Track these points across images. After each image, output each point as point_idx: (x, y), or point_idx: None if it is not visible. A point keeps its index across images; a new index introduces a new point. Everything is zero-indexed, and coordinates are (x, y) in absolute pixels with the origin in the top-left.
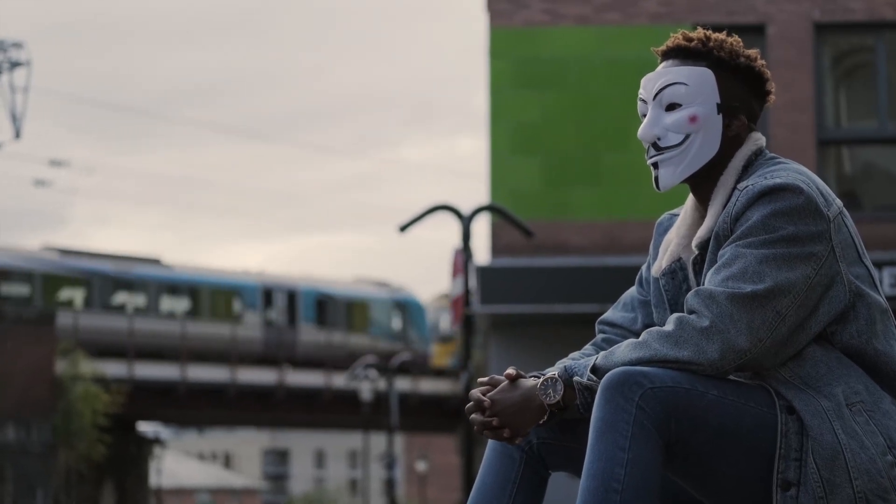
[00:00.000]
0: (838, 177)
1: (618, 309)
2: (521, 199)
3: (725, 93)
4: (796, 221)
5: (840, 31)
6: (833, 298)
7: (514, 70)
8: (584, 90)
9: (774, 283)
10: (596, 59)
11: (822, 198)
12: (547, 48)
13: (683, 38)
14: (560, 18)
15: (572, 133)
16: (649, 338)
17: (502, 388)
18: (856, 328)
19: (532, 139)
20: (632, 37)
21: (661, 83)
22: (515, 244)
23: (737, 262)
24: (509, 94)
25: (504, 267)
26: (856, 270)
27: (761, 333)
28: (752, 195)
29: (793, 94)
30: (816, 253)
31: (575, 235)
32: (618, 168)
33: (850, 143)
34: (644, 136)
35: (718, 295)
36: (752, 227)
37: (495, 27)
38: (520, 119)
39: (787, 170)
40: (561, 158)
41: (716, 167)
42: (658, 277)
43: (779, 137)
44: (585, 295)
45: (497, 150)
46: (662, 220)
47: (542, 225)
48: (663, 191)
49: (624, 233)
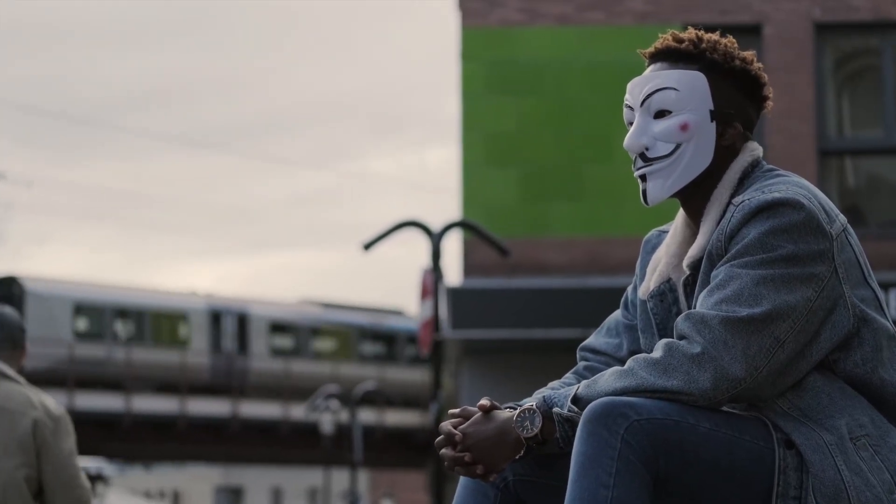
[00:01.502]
0: (841, 190)
1: (601, 334)
2: (495, 214)
3: (719, 98)
4: (796, 239)
5: (843, 31)
6: (836, 323)
7: (488, 74)
8: (564, 96)
9: (772, 307)
10: (577, 61)
11: (824, 214)
12: (524, 50)
13: (673, 39)
14: (538, 18)
15: (551, 143)
16: (636, 365)
17: (475, 420)
18: (860, 356)
19: (507, 149)
20: (616, 38)
21: (649, 88)
22: (489, 263)
23: (731, 284)
24: (483, 101)
25: (477, 288)
26: (861, 293)
27: (758, 361)
28: (748, 210)
29: (791, 101)
30: (818, 274)
31: (554, 254)
32: (601, 181)
33: (854, 154)
34: (630, 145)
35: (711, 319)
36: (749, 245)
37: (467, 27)
38: (494, 127)
39: (786, 183)
40: (539, 170)
41: (709, 180)
42: (645, 300)
43: (777, 147)
44: (566, 319)
45: (469, 161)
46: (650, 237)
47: (518, 242)
48: (651, 205)
49: (608, 251)
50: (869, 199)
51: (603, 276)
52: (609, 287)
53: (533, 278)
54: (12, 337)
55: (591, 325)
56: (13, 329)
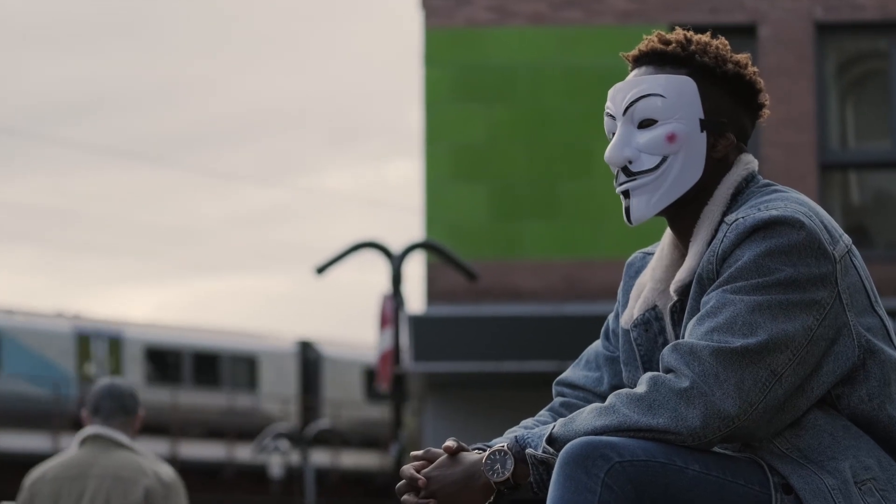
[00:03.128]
0: (845, 208)
1: (579, 367)
2: (462, 234)
3: (710, 106)
4: (795, 262)
5: (847, 32)
6: (839, 355)
7: (454, 79)
8: (538, 103)
9: (769, 337)
10: (553, 65)
11: (826, 233)
12: (493, 53)
13: (659, 41)
14: (509, 17)
15: (524, 155)
16: (617, 401)
17: (440, 463)
18: (866, 390)
19: (476, 163)
20: (596, 39)
21: (633, 95)
22: (456, 289)
23: (724, 311)
24: (448, 109)
25: (442, 316)
26: (867, 321)
27: (752, 396)
28: (742, 230)
29: (790, 109)
30: (819, 300)
31: (528, 278)
32: (579, 197)
33: (859, 168)
34: (612, 158)
35: (701, 350)
36: (743, 268)
37: (431, 28)
38: (461, 139)
39: (784, 199)
40: (511, 186)
41: (699, 196)
42: (628, 329)
43: (773, 160)
44: (540, 350)
45: (433, 176)
46: (634, 259)
47: (487, 266)
48: (636, 224)
49: (587, 275)
50: (875, 218)
51: (581, 302)
52: (588, 315)
53: (504, 305)
54: (124, 406)
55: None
56: (125, 398)
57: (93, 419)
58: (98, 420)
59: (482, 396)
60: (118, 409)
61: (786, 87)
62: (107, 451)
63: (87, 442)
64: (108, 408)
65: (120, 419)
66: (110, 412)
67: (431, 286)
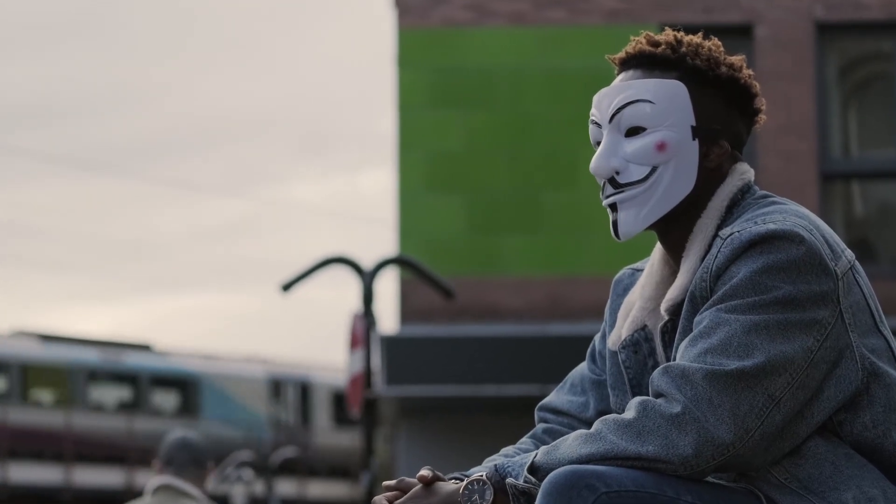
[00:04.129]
0: (847, 221)
1: (564, 391)
2: (438, 249)
3: (702, 112)
4: (795, 279)
5: (850, 32)
6: (841, 378)
7: (429, 83)
8: (519, 109)
9: (766, 359)
10: (535, 68)
11: (827, 248)
12: (471, 55)
13: (647, 43)
14: (488, 16)
15: (504, 165)
16: (604, 428)
17: (414, 493)
18: (870, 417)
19: (452, 172)
20: (581, 40)
21: (620, 101)
22: (431, 307)
23: (718, 331)
24: (423, 115)
25: (416, 337)
26: (871, 342)
27: (748, 423)
28: (738, 245)
29: (789, 115)
30: (820, 320)
31: (508, 296)
32: (563, 210)
33: (863, 178)
34: (598, 169)
35: (694, 373)
36: (739, 285)
37: (405, 28)
38: (436, 147)
39: (782, 212)
40: (490, 197)
41: (691, 209)
42: (616, 350)
43: (771, 170)
44: (521, 373)
45: (407, 186)
46: (622, 276)
47: (465, 282)
48: (623, 239)
49: (571, 293)
50: (880, 231)
51: (565, 322)
52: (573, 335)
53: (482, 325)
54: (196, 459)
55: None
56: (197, 451)
57: (165, 470)
58: (170, 471)
59: (459, 422)
60: (190, 462)
61: (784, 92)
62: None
63: (159, 492)
64: (181, 459)
65: (191, 471)
66: (182, 464)
67: (405, 304)
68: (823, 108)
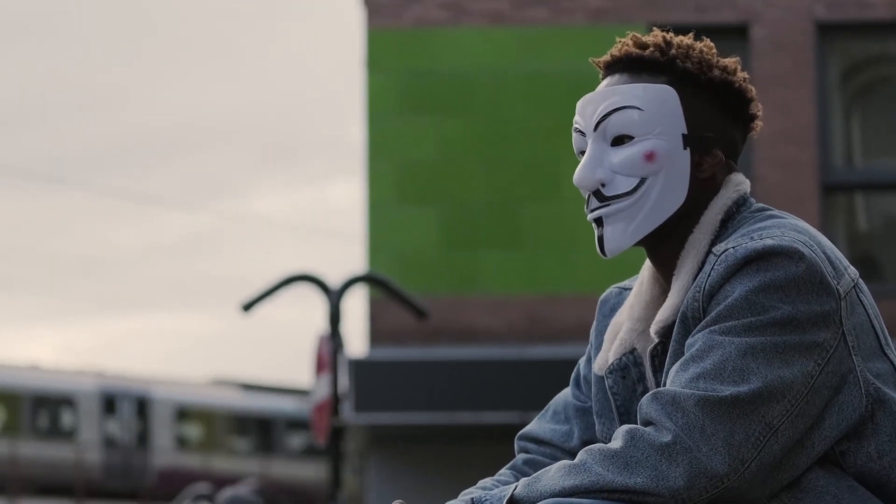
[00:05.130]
0: (850, 236)
1: (546, 419)
2: (410, 266)
3: (694, 119)
4: (794, 298)
5: (853, 33)
6: (844, 405)
7: (401, 88)
8: (497, 115)
9: (763, 384)
10: (515, 71)
11: (829, 266)
12: (446, 57)
13: (635, 45)
14: (464, 16)
15: (482, 175)
16: (590, 458)
17: None
18: (875, 446)
19: (426, 183)
20: (564, 41)
21: (605, 108)
22: (403, 329)
23: (711, 355)
24: (394, 122)
25: (387, 360)
26: (876, 366)
27: (744, 453)
28: (733, 262)
29: (787, 121)
30: (822, 342)
31: (486, 316)
32: (545, 224)
33: (867, 189)
34: (583, 181)
35: (685, 399)
36: (733, 306)
37: (375, 28)
38: (409, 156)
39: (781, 226)
40: (466, 210)
41: (683, 223)
42: (603, 375)
43: (768, 181)
44: (500, 399)
45: (377, 199)
46: (608, 296)
47: (440, 302)
48: (610, 256)
49: (554, 313)
50: (885, 247)
51: (547, 344)
52: (555, 359)
53: (458, 347)
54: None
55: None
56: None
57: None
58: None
59: (433, 452)
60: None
61: (782, 97)
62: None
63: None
64: None
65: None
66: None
67: (375, 325)
68: (825, 115)
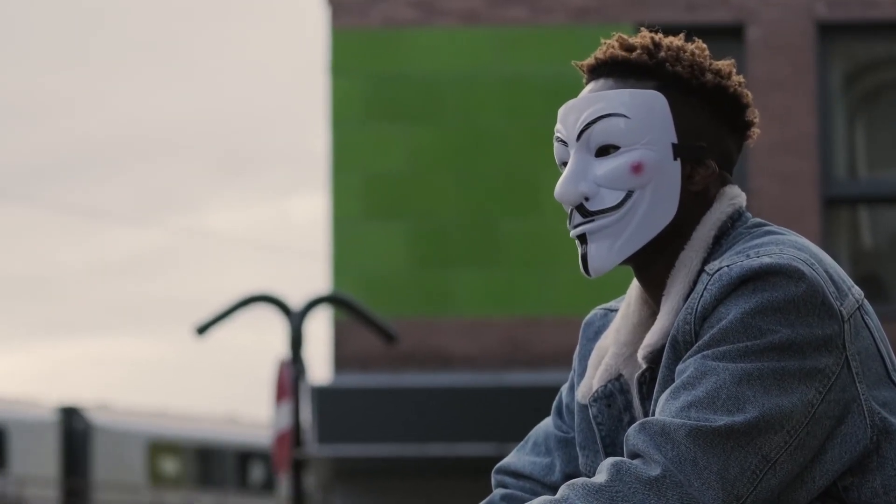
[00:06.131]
0: (854, 253)
1: (525, 451)
2: (378, 286)
3: (685, 127)
4: (793, 321)
5: (857, 33)
6: (847, 436)
7: (368, 93)
8: (472, 123)
9: (760, 414)
10: (490, 75)
11: (832, 286)
12: (417, 60)
13: (621, 47)
14: (436, 15)
15: (455, 188)
16: (572, 493)
17: None
18: (881, 481)
19: (395, 197)
20: (544, 43)
21: (589, 115)
22: (370, 354)
23: (704, 382)
24: (360, 131)
25: (353, 388)
26: (882, 394)
27: (739, 488)
28: (727, 282)
29: (785, 129)
30: (823, 368)
31: (460, 340)
32: (523, 241)
33: (872, 203)
34: (565, 194)
35: (676, 429)
36: (728, 329)
37: (340, 28)
38: (376, 167)
39: (779, 243)
40: (438, 225)
41: (673, 240)
42: (587, 404)
43: (765, 194)
44: (475, 429)
45: (342, 214)
46: (593, 318)
47: (409, 325)
48: (595, 276)
49: (533, 337)
50: (891, 266)
51: (526, 370)
52: (535, 386)
53: (430, 374)
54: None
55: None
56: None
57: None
58: None
59: (403, 487)
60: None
61: (780, 103)
62: None
63: None
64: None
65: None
66: None
67: (339, 350)
68: (826, 122)
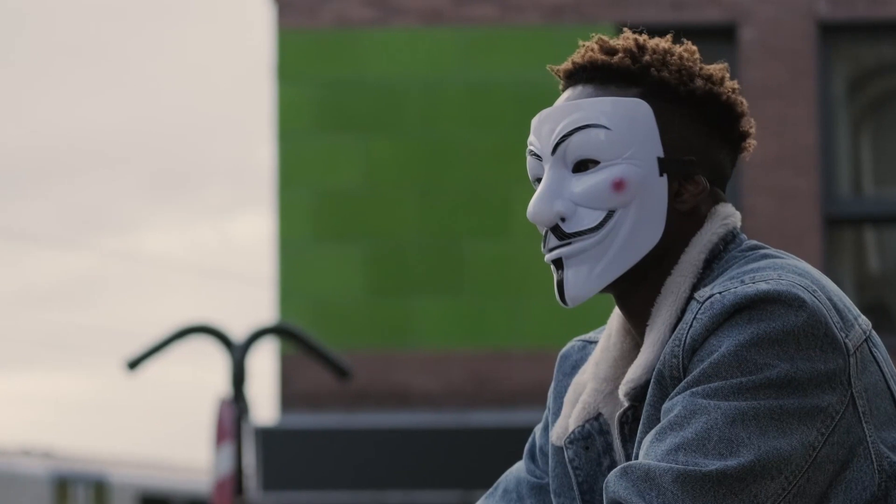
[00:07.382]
0: (859, 278)
1: (495, 498)
2: (329, 315)
3: (672, 139)
4: (793, 354)
5: (862, 35)
6: (852, 483)
7: (319, 101)
8: (434, 134)
9: (755, 458)
10: (455, 82)
11: (836, 315)
12: (373, 64)
13: (601, 50)
14: (395, 15)
15: (415, 206)
16: None
17: None
18: None
19: (348, 217)
20: (515, 45)
21: (566, 127)
22: (321, 391)
23: (693, 422)
24: (310, 142)
25: (302, 429)
26: (891, 436)
27: None
28: (719, 310)
29: (783, 141)
30: (826, 407)
31: (420, 376)
32: (492, 265)
33: (878, 223)
34: (539, 214)
35: (662, 475)
36: (720, 363)
37: (287, 29)
38: (327, 184)
39: (777, 268)
40: (396, 249)
41: (659, 264)
42: (562, 446)
43: (761, 213)
44: (438, 474)
45: (289, 235)
46: (570, 350)
47: (365, 359)
48: (572, 305)
49: (502, 372)
50: None
51: (494, 409)
52: (504, 427)
53: (387, 413)
54: None
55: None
56: None
57: None
58: None
59: None
60: None
61: (777, 112)
62: None
63: None
64: None
65: None
66: None
67: (287, 387)
68: (828, 133)
